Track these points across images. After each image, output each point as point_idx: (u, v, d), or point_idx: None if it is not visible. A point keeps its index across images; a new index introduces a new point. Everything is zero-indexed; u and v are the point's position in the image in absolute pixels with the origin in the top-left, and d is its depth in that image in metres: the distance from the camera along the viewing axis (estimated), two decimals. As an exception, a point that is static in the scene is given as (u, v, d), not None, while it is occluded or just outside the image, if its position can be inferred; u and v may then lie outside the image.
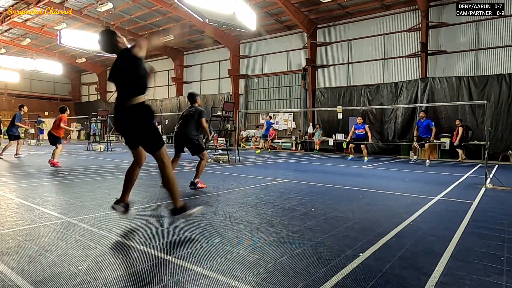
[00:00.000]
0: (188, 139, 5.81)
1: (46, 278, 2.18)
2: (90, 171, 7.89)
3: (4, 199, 4.58)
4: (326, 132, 17.89)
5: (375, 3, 16.29)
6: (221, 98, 22.36)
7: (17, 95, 32.48)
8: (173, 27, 20.50)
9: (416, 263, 2.58)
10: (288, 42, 20.48)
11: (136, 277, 2.24)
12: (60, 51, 27.51)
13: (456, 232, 3.44)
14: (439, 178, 8.07)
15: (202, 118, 5.87)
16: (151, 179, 6.79)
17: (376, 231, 3.42)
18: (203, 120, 5.91)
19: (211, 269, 2.39)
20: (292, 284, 2.19)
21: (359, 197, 5.31)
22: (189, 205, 3.36)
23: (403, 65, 16.51)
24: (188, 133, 5.81)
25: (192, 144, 5.81)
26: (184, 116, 5.93)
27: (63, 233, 3.15)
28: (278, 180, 7.03)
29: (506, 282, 2.30)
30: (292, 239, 3.10)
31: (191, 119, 5.83)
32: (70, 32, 16.06)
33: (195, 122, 5.85)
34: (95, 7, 18.67)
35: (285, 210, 4.26)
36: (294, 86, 20.35)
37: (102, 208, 4.15)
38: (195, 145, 5.81)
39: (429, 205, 4.78)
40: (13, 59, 22.99)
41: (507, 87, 13.38)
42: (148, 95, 29.27)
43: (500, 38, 14.00)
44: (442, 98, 14.58)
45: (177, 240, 3.02)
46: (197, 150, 5.83)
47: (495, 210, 4.56)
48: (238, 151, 11.52)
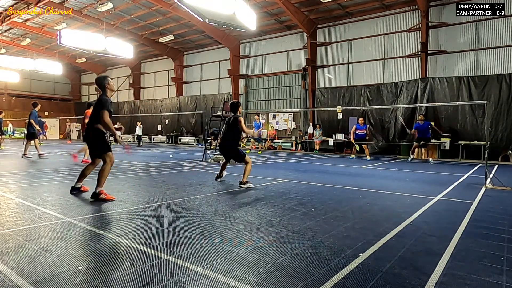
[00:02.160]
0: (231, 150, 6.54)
1: (46, 278, 2.18)
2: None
3: (4, 199, 4.58)
4: (326, 132, 17.90)
5: (375, 3, 16.29)
6: (221, 98, 22.37)
7: (17, 95, 32.49)
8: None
9: (416, 263, 2.58)
10: (288, 42, 20.48)
11: (136, 277, 2.24)
12: (60, 51, 27.52)
13: (456, 232, 3.44)
14: (439, 178, 8.07)
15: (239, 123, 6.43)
16: (151, 179, 6.79)
17: (376, 231, 3.42)
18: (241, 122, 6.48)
19: (211, 269, 2.39)
20: (292, 284, 2.19)
21: (359, 197, 5.31)
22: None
23: (403, 65, 16.51)
24: (231, 144, 6.50)
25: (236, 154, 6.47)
26: (229, 126, 6.51)
27: (63, 233, 3.15)
28: (278, 180, 7.03)
29: (506, 282, 2.30)
30: (292, 239, 3.10)
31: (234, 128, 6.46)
32: (70, 32, 16.02)
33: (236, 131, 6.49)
34: (95, 7, 18.68)
35: (285, 210, 4.26)
36: (294, 86, 20.36)
37: (102, 208, 4.15)
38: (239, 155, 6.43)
39: (429, 205, 4.78)
40: (13, 59, 22.98)
41: (507, 87, 13.38)
42: (148, 95, 29.37)
43: (500, 38, 14.00)
44: (442, 98, 14.58)
45: (177, 240, 3.02)
46: (240, 158, 6.40)
47: (495, 210, 4.56)
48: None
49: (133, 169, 8.54)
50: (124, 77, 30.82)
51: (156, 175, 7.38)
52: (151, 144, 25.11)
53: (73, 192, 5.08)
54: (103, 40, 16.32)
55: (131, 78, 29.75)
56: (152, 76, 29.16)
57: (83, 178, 5.16)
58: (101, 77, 5.02)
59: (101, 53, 17.30)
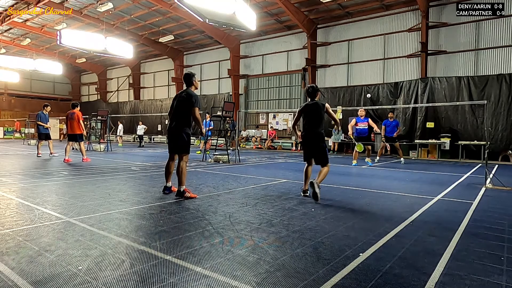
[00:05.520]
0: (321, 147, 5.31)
1: (46, 278, 2.17)
2: (90, 171, 7.89)
3: (4, 199, 4.58)
4: (326, 132, 17.87)
5: (375, 3, 16.30)
6: (221, 98, 22.39)
7: (17, 95, 32.51)
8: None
9: (416, 263, 2.58)
10: (288, 42, 20.48)
11: (136, 277, 2.24)
12: (60, 51, 27.52)
13: (456, 232, 3.44)
14: (439, 178, 8.07)
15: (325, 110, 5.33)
16: (151, 179, 6.79)
17: (376, 231, 3.42)
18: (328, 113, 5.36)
19: (211, 269, 2.39)
20: (292, 284, 2.19)
21: (359, 197, 5.30)
22: None
23: (403, 65, 16.52)
24: (320, 139, 5.31)
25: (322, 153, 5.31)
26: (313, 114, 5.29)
27: (63, 233, 3.15)
28: (278, 180, 7.03)
29: (506, 282, 2.30)
30: (292, 239, 3.10)
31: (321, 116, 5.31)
32: (70, 32, 16.02)
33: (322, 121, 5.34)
34: (95, 7, 18.67)
35: (285, 210, 4.26)
36: (294, 86, 20.36)
37: (102, 208, 4.14)
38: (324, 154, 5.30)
39: (429, 205, 4.78)
40: (13, 59, 22.98)
41: (507, 87, 13.38)
42: (148, 95, 29.41)
43: (500, 38, 14.00)
44: (442, 98, 14.59)
45: (177, 240, 3.02)
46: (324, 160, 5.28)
47: (495, 210, 4.56)
48: (238, 151, 11.52)
49: (133, 169, 8.54)
50: (124, 77, 30.83)
51: (156, 175, 7.37)
52: (151, 144, 25.12)
53: (165, 191, 5.19)
54: (103, 40, 16.31)
55: (131, 78, 29.75)
56: (152, 76, 29.16)
57: (170, 175, 5.23)
58: (190, 74, 5.22)
59: (101, 53, 17.29)
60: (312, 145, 5.28)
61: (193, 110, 4.90)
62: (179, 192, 4.90)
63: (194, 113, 4.90)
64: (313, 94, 5.37)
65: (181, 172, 4.91)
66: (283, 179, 7.13)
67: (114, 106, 31.36)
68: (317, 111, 5.25)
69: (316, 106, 5.28)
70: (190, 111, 4.92)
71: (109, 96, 32.98)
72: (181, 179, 4.91)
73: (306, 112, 5.33)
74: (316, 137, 5.26)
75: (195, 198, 4.88)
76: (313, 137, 5.26)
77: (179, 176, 4.92)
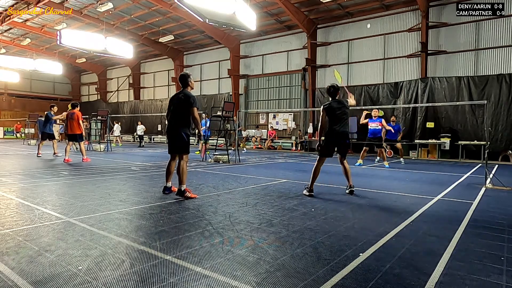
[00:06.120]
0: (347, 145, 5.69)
1: (46, 278, 2.17)
2: (90, 171, 7.89)
3: (4, 199, 4.58)
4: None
5: (375, 3, 16.30)
6: (221, 98, 22.39)
7: (17, 95, 32.50)
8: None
9: (416, 263, 2.58)
10: (288, 42, 20.48)
11: (136, 277, 2.24)
12: (60, 51, 27.52)
13: (456, 232, 3.44)
14: (439, 178, 8.07)
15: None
16: (151, 179, 6.79)
17: (376, 231, 3.42)
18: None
19: (211, 269, 2.39)
20: (292, 284, 2.19)
21: (359, 197, 5.31)
22: None
23: (403, 65, 16.52)
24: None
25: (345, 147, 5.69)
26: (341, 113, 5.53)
27: (63, 233, 3.15)
28: (278, 180, 7.03)
29: (506, 282, 2.30)
30: (292, 239, 3.09)
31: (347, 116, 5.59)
32: (70, 32, 16.03)
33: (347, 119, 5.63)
34: (95, 7, 18.68)
35: (285, 210, 4.26)
36: (294, 86, 20.36)
37: (102, 208, 4.14)
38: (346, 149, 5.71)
39: (429, 205, 4.78)
40: (13, 59, 23.00)
41: (507, 87, 13.38)
42: (148, 95, 29.40)
43: (500, 38, 14.00)
44: (442, 98, 14.59)
45: (177, 240, 3.02)
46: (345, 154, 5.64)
47: (495, 210, 4.56)
48: (238, 151, 11.52)
49: (133, 169, 8.54)
50: (124, 77, 30.82)
51: (156, 175, 7.37)
52: (151, 144, 25.12)
53: (165, 192, 5.17)
54: (103, 40, 16.32)
55: (131, 78, 29.75)
56: (152, 76, 29.16)
57: (171, 175, 5.24)
58: (185, 75, 5.18)
59: (101, 53, 17.30)
60: (340, 143, 5.50)
61: (192, 110, 4.92)
62: (179, 191, 4.92)
63: (193, 113, 4.92)
64: (334, 94, 5.65)
65: (181, 171, 4.94)
66: (283, 179, 7.13)
67: (114, 106, 31.37)
68: (343, 110, 5.50)
69: (342, 105, 5.54)
70: (189, 111, 4.95)
71: (109, 96, 32.98)
72: (181, 178, 4.94)
73: (333, 111, 5.45)
74: (346, 136, 5.54)
75: (195, 198, 4.89)
76: (343, 136, 5.49)
77: (180, 175, 4.94)
